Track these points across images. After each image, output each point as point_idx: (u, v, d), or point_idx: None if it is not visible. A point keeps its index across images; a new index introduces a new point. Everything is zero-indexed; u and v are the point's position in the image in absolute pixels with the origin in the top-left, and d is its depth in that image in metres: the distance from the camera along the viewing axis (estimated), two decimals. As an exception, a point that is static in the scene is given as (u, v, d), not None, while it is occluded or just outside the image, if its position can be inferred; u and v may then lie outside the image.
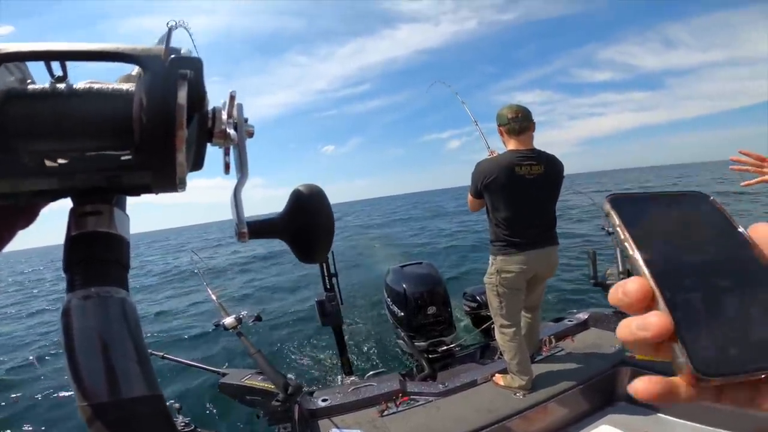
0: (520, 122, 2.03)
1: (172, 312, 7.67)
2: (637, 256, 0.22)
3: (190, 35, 0.32)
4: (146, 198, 0.32)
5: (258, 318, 2.22)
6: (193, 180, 0.31)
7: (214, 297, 2.36)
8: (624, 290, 0.22)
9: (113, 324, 0.27)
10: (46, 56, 0.26)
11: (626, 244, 0.23)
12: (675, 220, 0.24)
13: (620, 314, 2.44)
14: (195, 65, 0.26)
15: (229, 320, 2.01)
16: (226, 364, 4.18)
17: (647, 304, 0.22)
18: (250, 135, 0.32)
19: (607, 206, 0.25)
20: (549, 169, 2.03)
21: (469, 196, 2.16)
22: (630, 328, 0.22)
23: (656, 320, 0.21)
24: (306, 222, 0.34)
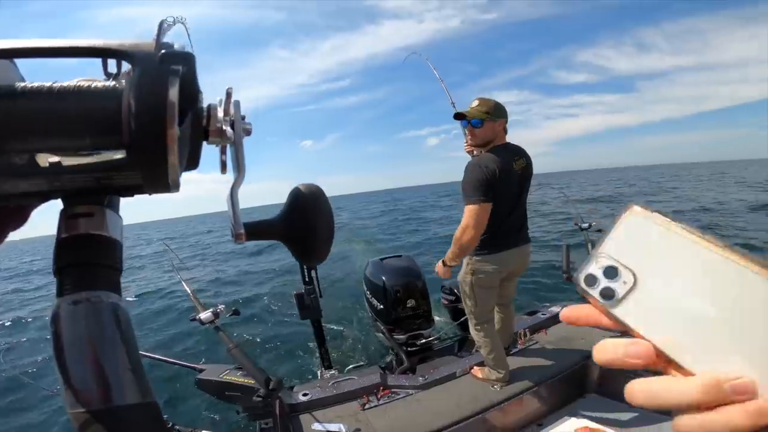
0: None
1: (147, 306, 7.44)
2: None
3: (188, 31, 0.30)
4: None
5: (236, 312, 2.19)
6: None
7: (189, 291, 2.31)
8: (629, 354, 0.22)
9: (105, 330, 0.26)
10: (31, 53, 0.24)
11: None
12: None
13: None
14: (187, 61, 0.25)
15: (205, 315, 1.96)
16: (203, 359, 4.12)
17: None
18: (248, 133, 0.30)
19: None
20: (528, 163, 1.99)
21: (476, 208, 1.79)
22: (617, 355, 0.23)
23: (644, 350, 0.22)
24: (305, 224, 0.33)
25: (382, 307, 2.84)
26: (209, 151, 0.31)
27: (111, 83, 0.25)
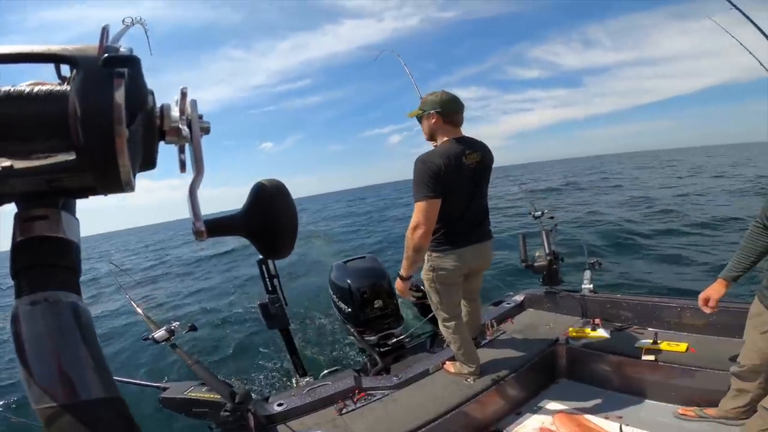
0: (460, 111, 1.90)
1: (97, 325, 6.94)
2: None
3: (146, 32, 0.31)
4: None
5: (192, 328, 2.09)
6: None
7: (140, 311, 2.17)
8: None
9: (64, 328, 0.26)
10: None
11: None
12: None
13: (551, 293, 2.67)
14: (132, 63, 0.25)
15: (159, 333, 1.85)
16: (166, 378, 3.90)
17: None
18: (206, 131, 0.31)
19: None
20: (485, 156, 1.91)
21: (423, 205, 1.76)
22: None
23: None
24: (268, 218, 0.33)
25: (350, 310, 2.82)
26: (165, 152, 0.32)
27: (58, 87, 0.25)
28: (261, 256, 2.39)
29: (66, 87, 0.25)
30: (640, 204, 11.65)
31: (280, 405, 1.86)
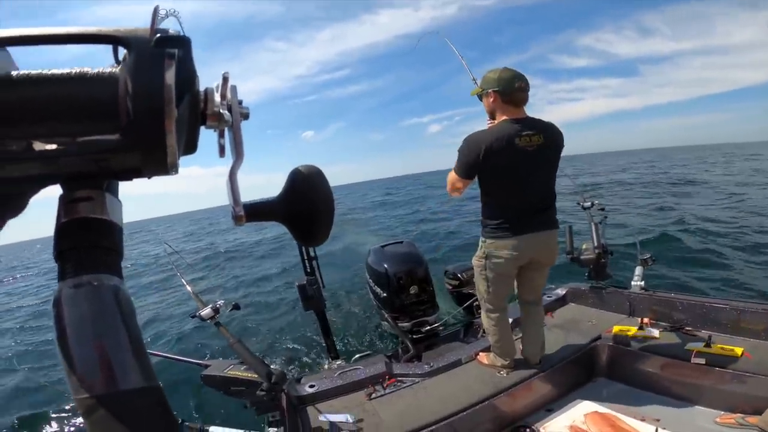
0: (524, 90, 1.77)
1: (149, 305, 7.48)
2: None
3: (180, 24, 0.30)
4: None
5: (236, 306, 2.18)
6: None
7: (189, 289, 2.29)
8: None
9: (106, 313, 0.26)
10: (27, 41, 0.24)
11: None
12: None
13: (597, 289, 2.52)
14: (183, 44, 0.25)
15: (206, 311, 1.96)
16: (208, 355, 4.13)
17: None
18: (245, 117, 0.31)
19: None
20: (549, 138, 1.76)
21: (453, 176, 1.82)
22: None
23: None
24: (305, 204, 0.33)
25: (385, 294, 2.83)
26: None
27: (107, 69, 0.26)
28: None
29: (109, 69, 0.26)
30: (722, 201, 10.51)
31: (311, 386, 1.90)
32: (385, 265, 2.85)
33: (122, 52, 0.26)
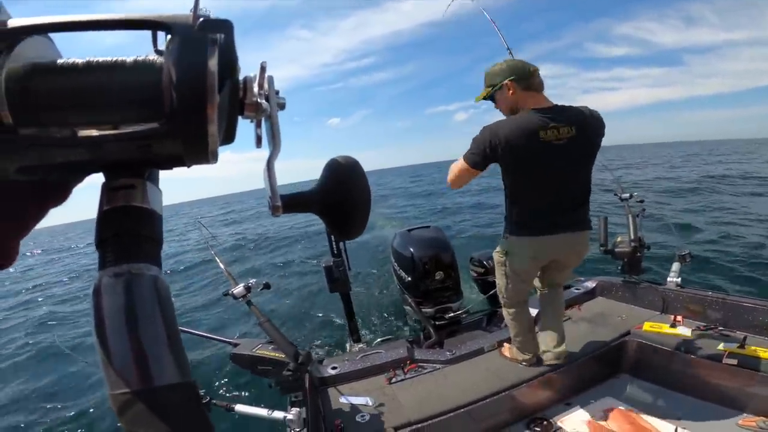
0: (535, 73, 1.62)
1: (183, 283, 7.84)
2: None
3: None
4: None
5: (267, 286, 2.23)
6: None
7: (222, 266, 2.37)
8: None
9: (145, 304, 0.25)
10: (69, 27, 0.25)
11: None
12: None
13: (630, 283, 2.42)
14: (226, 28, 0.25)
15: (238, 289, 2.01)
16: (237, 333, 4.30)
17: None
18: (282, 107, 0.31)
19: None
20: (583, 130, 1.58)
21: (460, 164, 1.67)
22: None
23: None
24: (342, 196, 0.33)
25: (410, 279, 2.82)
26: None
27: (150, 57, 0.26)
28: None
29: (152, 56, 0.26)
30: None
31: (333, 368, 1.95)
32: (411, 249, 2.84)
33: (161, 40, 0.27)
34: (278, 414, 1.59)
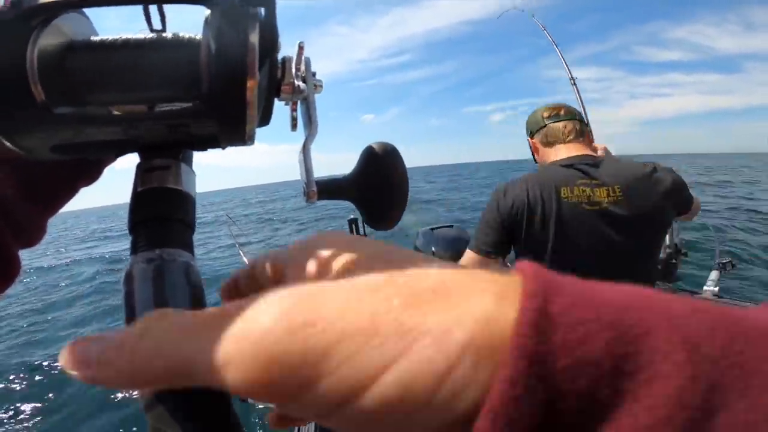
0: (559, 116, 1.22)
1: (208, 276, 8.07)
2: None
3: None
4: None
5: None
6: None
7: (245, 260, 2.44)
8: None
9: (176, 292, 0.24)
10: (105, 2, 0.24)
11: None
12: None
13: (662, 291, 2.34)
14: (267, 2, 0.23)
15: None
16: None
17: None
18: (319, 89, 0.30)
19: None
20: (634, 193, 1.05)
21: (469, 258, 1.21)
22: None
23: None
24: (378, 183, 0.31)
25: None
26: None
27: (186, 33, 0.25)
28: (352, 216, 2.48)
29: (190, 34, 0.25)
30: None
31: None
32: (433, 248, 2.81)
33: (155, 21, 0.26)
34: None
